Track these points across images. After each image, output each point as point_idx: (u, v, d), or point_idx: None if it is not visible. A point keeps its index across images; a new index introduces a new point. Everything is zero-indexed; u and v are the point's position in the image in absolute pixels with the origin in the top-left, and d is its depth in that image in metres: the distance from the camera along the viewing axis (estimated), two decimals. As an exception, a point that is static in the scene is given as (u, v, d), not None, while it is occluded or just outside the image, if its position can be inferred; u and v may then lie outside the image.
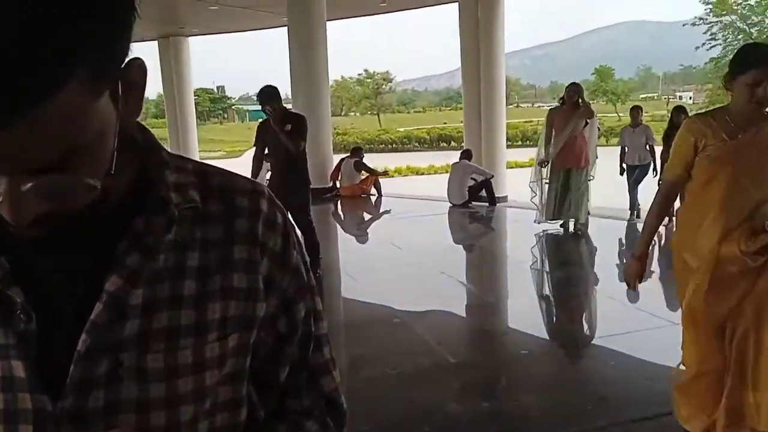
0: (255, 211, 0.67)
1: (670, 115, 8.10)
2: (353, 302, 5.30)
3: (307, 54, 10.92)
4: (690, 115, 7.99)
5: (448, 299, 4.90)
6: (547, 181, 6.97)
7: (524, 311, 4.70)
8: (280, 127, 5.45)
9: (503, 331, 4.36)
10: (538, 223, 7.14)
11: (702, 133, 2.29)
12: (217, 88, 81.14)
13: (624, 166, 8.20)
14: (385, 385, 3.36)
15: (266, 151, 5.62)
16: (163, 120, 22.43)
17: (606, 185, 7.45)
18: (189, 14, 14.66)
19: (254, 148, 5.71)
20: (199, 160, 0.71)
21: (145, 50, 18.17)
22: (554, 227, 7.04)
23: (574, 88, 6.76)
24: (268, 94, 5.50)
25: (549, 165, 6.93)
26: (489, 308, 4.81)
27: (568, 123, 6.60)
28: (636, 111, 8.44)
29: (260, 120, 5.81)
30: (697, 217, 2.34)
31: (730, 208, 2.24)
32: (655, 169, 7.98)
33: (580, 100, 6.67)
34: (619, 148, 8.33)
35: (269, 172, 5.97)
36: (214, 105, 71.12)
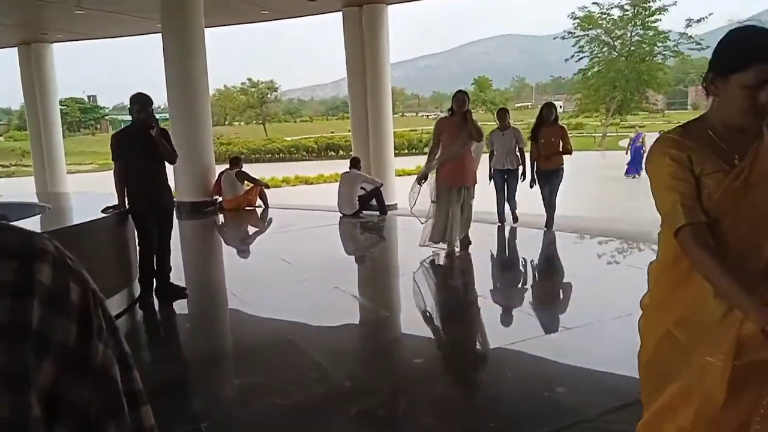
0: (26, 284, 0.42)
1: (539, 110, 7.79)
2: (240, 324, 4.94)
3: (184, 62, 10.34)
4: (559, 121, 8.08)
5: (342, 316, 4.68)
6: (434, 200, 6.52)
7: (418, 325, 4.57)
8: (161, 135, 5.01)
9: (399, 348, 4.19)
10: (422, 245, 6.56)
11: (695, 153, 1.56)
12: (88, 97, 76.17)
13: (492, 170, 8.00)
14: (275, 418, 3.08)
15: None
16: (26, 132, 20.52)
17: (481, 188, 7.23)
18: (52, 19, 13.46)
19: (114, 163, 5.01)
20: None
21: (3, 58, 16.55)
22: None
23: (462, 96, 6.40)
24: (148, 101, 5.04)
25: (430, 182, 6.53)
26: (384, 324, 4.63)
27: (458, 137, 6.26)
28: (503, 113, 8.25)
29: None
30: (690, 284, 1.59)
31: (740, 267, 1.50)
32: (524, 173, 7.83)
33: (469, 112, 6.33)
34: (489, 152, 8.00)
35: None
36: (85, 115, 66.59)
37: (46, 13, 12.67)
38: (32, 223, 4.61)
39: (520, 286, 5.75)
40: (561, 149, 7.47)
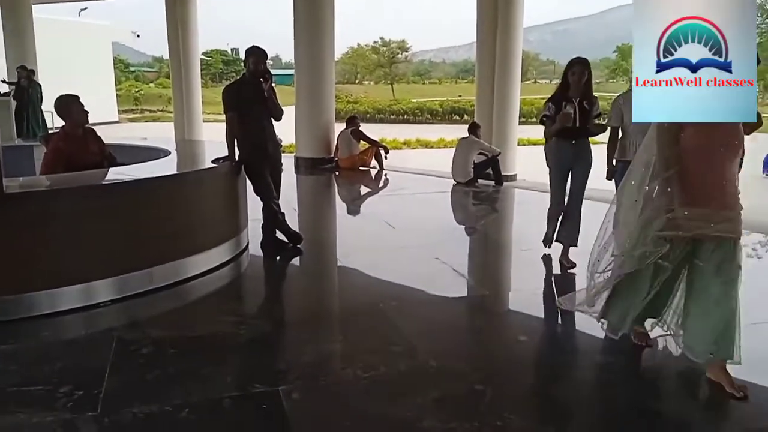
0: None
1: None
2: (334, 287, 4.92)
3: (312, 17, 10.39)
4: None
5: (437, 289, 4.47)
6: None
7: (519, 309, 4.26)
8: (271, 90, 5.07)
9: (493, 332, 3.92)
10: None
11: None
12: (231, 50, 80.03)
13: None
14: (352, 391, 2.96)
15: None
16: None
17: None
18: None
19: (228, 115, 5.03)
20: None
21: (154, 5, 17.57)
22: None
23: None
24: (264, 54, 5.09)
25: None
26: (481, 303, 4.36)
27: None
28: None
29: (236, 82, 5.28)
30: None
31: None
32: None
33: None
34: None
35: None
36: (228, 67, 70.14)
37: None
38: (144, 168, 4.79)
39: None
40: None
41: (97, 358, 3.25)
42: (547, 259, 5.22)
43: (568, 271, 4.89)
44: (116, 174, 4.69)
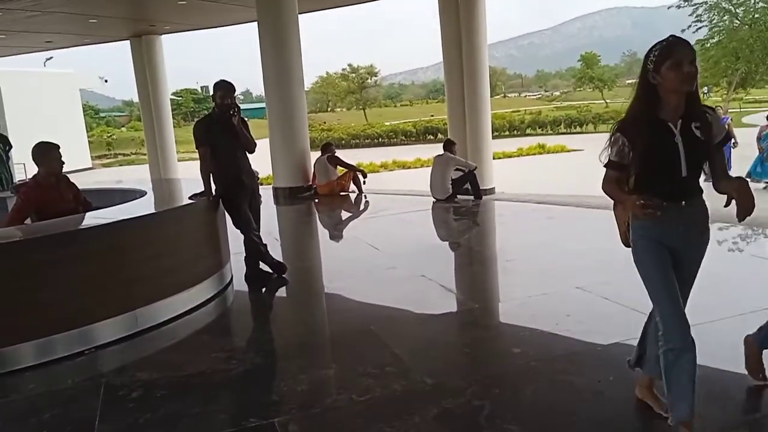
0: None
1: None
2: (323, 313, 4.86)
3: (279, 49, 10.47)
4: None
5: (427, 307, 4.45)
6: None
7: (510, 321, 4.26)
8: (241, 123, 5.08)
9: (486, 345, 3.90)
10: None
11: None
12: (201, 88, 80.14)
13: None
14: (349, 416, 2.92)
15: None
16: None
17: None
18: (157, 11, 14.10)
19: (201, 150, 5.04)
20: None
21: (123, 51, 17.55)
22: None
23: None
24: (231, 88, 5.12)
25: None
26: (472, 317, 4.35)
27: None
28: None
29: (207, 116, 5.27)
30: None
31: None
32: None
33: None
34: None
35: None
36: (199, 105, 70.18)
37: (152, 4, 13.27)
38: (120, 211, 4.74)
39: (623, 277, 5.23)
40: None
41: (85, 407, 3.17)
42: (532, 268, 5.23)
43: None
44: (92, 218, 4.63)
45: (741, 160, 13.02)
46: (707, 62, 33.40)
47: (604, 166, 2.44)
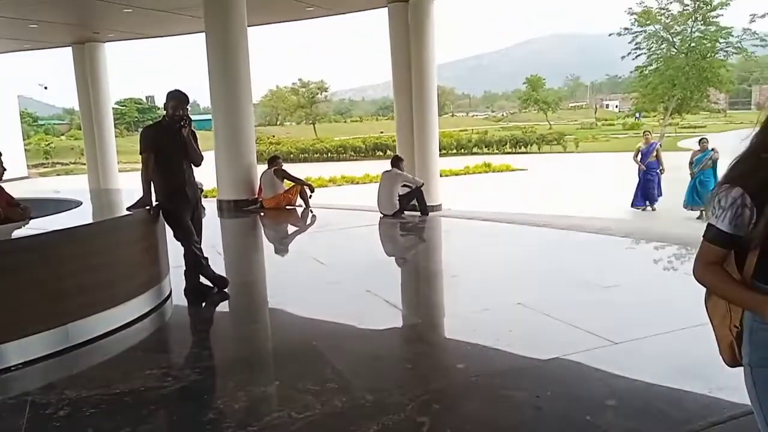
0: None
1: None
2: (263, 328, 4.77)
3: (227, 61, 10.33)
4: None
5: (370, 322, 4.43)
6: None
7: (452, 335, 4.28)
8: (190, 135, 4.98)
9: (428, 361, 3.90)
10: None
11: None
12: (146, 97, 78.45)
13: None
14: (288, 434, 2.85)
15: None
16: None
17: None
18: (101, 18, 13.72)
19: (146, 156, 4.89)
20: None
21: (65, 57, 16.97)
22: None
23: None
24: (185, 99, 5.01)
25: None
26: (414, 333, 4.34)
27: None
28: None
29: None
30: None
31: None
32: None
33: None
34: None
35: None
36: (143, 115, 68.62)
37: (95, 11, 12.91)
38: (53, 221, 4.55)
39: (564, 294, 5.35)
40: None
41: (9, 426, 2.99)
42: (476, 284, 5.28)
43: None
44: (22, 229, 4.42)
45: (676, 183, 13.55)
46: (645, 88, 34.86)
47: (708, 240, 1.61)
